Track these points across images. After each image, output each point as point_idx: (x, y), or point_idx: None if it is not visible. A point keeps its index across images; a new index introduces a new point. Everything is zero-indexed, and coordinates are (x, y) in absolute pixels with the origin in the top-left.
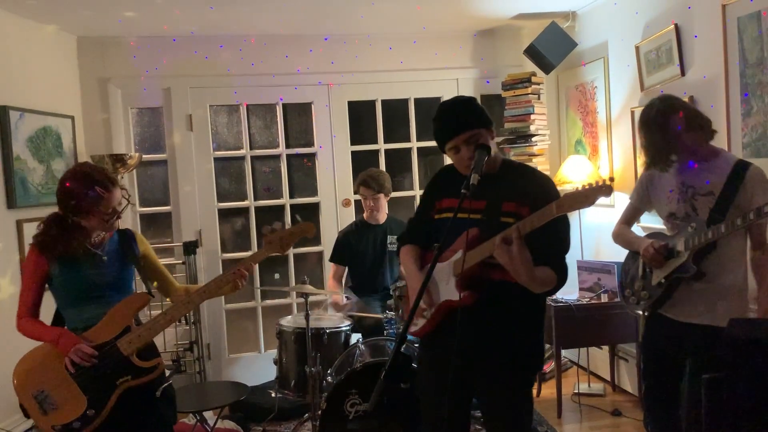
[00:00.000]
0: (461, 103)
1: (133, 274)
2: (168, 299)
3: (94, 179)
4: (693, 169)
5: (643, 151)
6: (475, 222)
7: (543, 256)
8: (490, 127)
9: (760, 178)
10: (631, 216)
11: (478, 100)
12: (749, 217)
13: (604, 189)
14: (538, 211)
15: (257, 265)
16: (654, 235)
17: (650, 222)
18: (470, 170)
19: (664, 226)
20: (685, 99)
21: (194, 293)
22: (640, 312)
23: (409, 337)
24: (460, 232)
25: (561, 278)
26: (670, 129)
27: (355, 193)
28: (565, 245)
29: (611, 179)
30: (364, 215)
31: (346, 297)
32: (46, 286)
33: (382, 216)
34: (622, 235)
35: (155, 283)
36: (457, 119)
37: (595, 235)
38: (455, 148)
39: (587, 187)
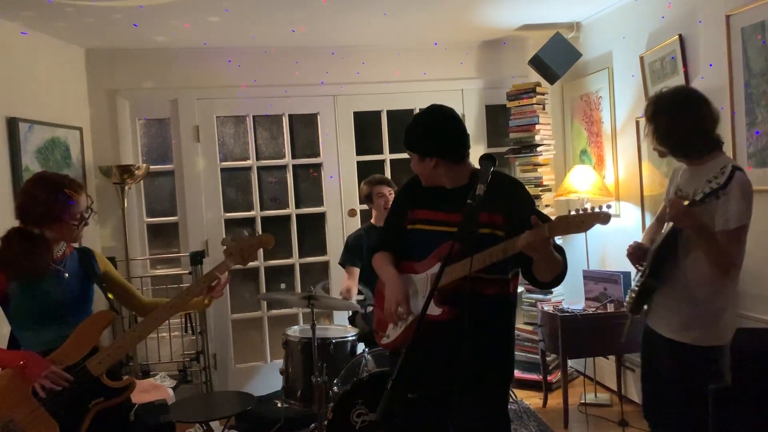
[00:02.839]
0: (419, 118)
1: (93, 294)
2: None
3: (60, 183)
4: (690, 172)
5: None
6: (453, 235)
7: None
8: (422, 155)
9: (739, 184)
10: (661, 213)
11: (458, 121)
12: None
13: (602, 216)
14: (529, 232)
15: (263, 273)
16: None
17: None
18: (477, 182)
19: None
20: None
21: (162, 308)
22: (629, 314)
23: None
24: (435, 244)
25: (564, 259)
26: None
27: (367, 196)
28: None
29: (609, 206)
30: (373, 220)
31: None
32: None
33: None
34: (645, 232)
35: (119, 302)
36: (405, 131)
37: (600, 245)
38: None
39: (583, 212)
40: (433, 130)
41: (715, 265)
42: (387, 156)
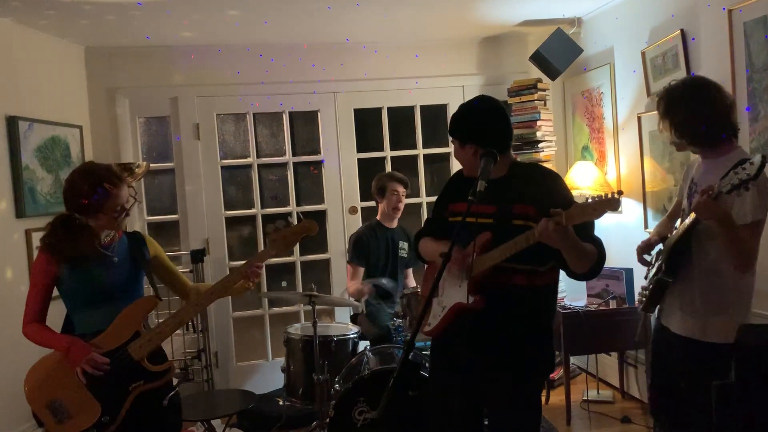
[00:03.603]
0: (464, 106)
1: (143, 278)
2: (180, 299)
3: (101, 176)
4: (705, 165)
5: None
6: (487, 226)
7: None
8: (462, 142)
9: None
10: (674, 209)
11: (502, 112)
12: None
13: (612, 202)
14: (545, 219)
15: (264, 272)
16: None
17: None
18: (477, 175)
19: None
20: None
21: (202, 295)
22: (642, 311)
23: (418, 343)
24: (472, 235)
25: (600, 251)
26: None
27: (381, 189)
28: (592, 228)
29: (620, 192)
30: (379, 216)
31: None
32: (55, 290)
33: (398, 217)
34: (655, 227)
35: (169, 287)
36: (455, 122)
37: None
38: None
39: (596, 199)
40: (473, 118)
41: (737, 258)
42: (388, 153)
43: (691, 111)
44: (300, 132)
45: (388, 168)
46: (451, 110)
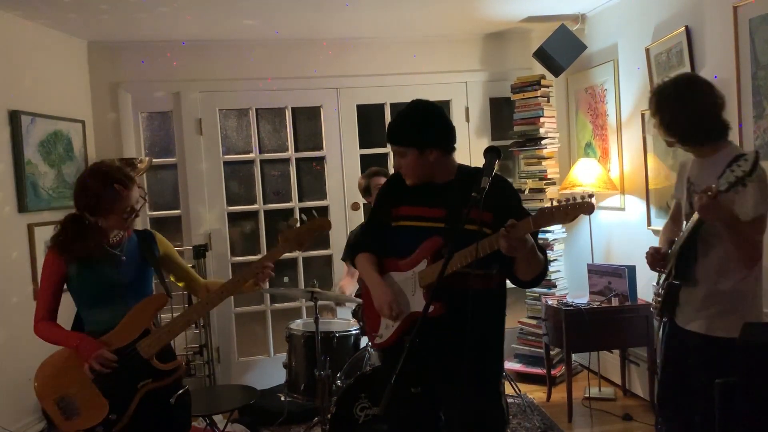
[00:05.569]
0: (410, 112)
1: (152, 276)
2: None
3: (112, 177)
4: (700, 164)
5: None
6: (438, 230)
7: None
8: (423, 148)
9: (758, 174)
10: (675, 211)
11: (446, 113)
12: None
13: (585, 207)
14: (516, 224)
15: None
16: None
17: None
18: (483, 175)
19: None
20: None
21: (213, 293)
22: (657, 318)
23: None
24: (421, 241)
25: (546, 261)
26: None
27: (366, 189)
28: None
29: (591, 196)
30: None
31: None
32: (65, 288)
33: None
34: (661, 234)
35: (181, 284)
36: (393, 128)
37: (605, 239)
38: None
39: (566, 203)
40: (430, 121)
41: (743, 255)
42: (390, 149)
43: (678, 111)
44: (302, 128)
45: (391, 164)
46: (455, 106)
